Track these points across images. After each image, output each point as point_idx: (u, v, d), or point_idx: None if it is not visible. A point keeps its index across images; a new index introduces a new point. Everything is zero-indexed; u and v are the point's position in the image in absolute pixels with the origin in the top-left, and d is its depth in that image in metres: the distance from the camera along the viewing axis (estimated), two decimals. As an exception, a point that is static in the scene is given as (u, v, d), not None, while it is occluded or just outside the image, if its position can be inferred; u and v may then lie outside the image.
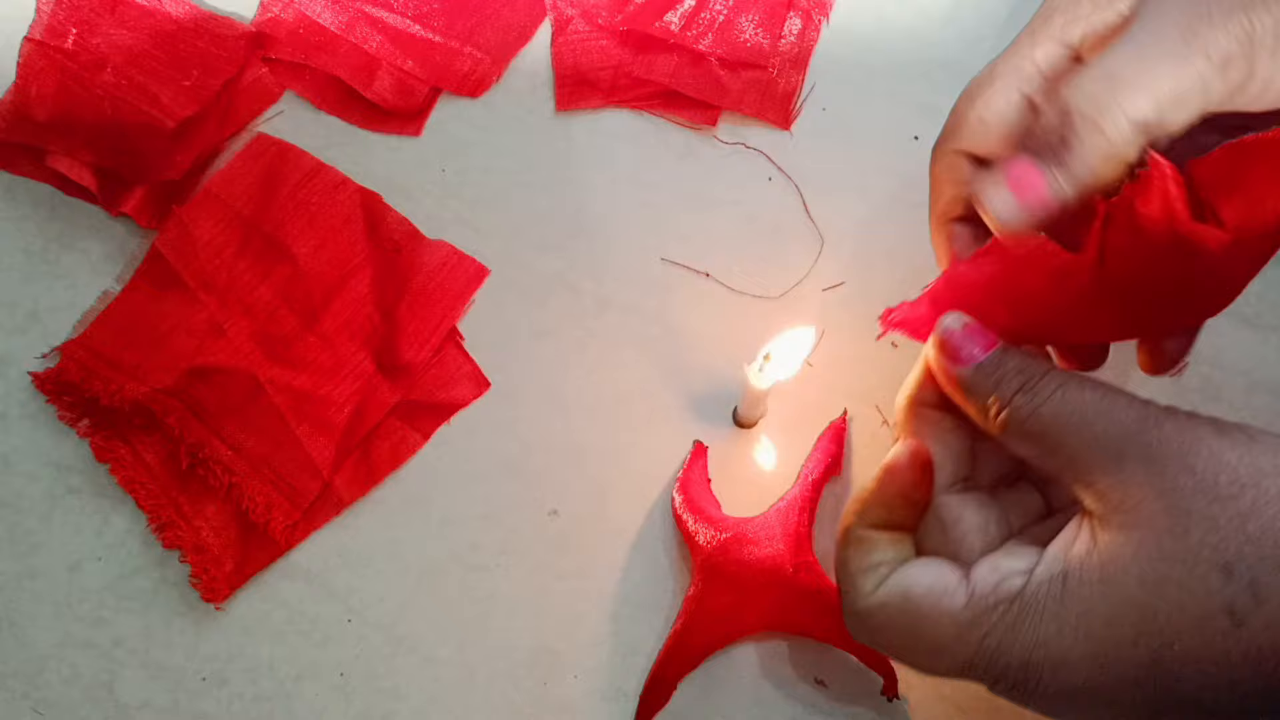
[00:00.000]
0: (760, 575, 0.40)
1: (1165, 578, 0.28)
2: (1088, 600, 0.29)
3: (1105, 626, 0.28)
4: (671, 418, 0.44)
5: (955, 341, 0.32)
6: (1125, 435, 0.29)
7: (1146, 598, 0.28)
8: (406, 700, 0.41)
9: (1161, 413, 0.29)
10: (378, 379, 0.44)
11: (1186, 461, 0.28)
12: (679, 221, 0.47)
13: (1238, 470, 0.28)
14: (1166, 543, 0.28)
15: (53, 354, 0.45)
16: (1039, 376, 0.31)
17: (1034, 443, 0.31)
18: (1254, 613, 0.27)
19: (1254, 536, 0.27)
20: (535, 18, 0.51)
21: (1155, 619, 0.28)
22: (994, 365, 0.32)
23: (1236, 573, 0.27)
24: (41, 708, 0.41)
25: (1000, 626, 0.30)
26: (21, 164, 0.47)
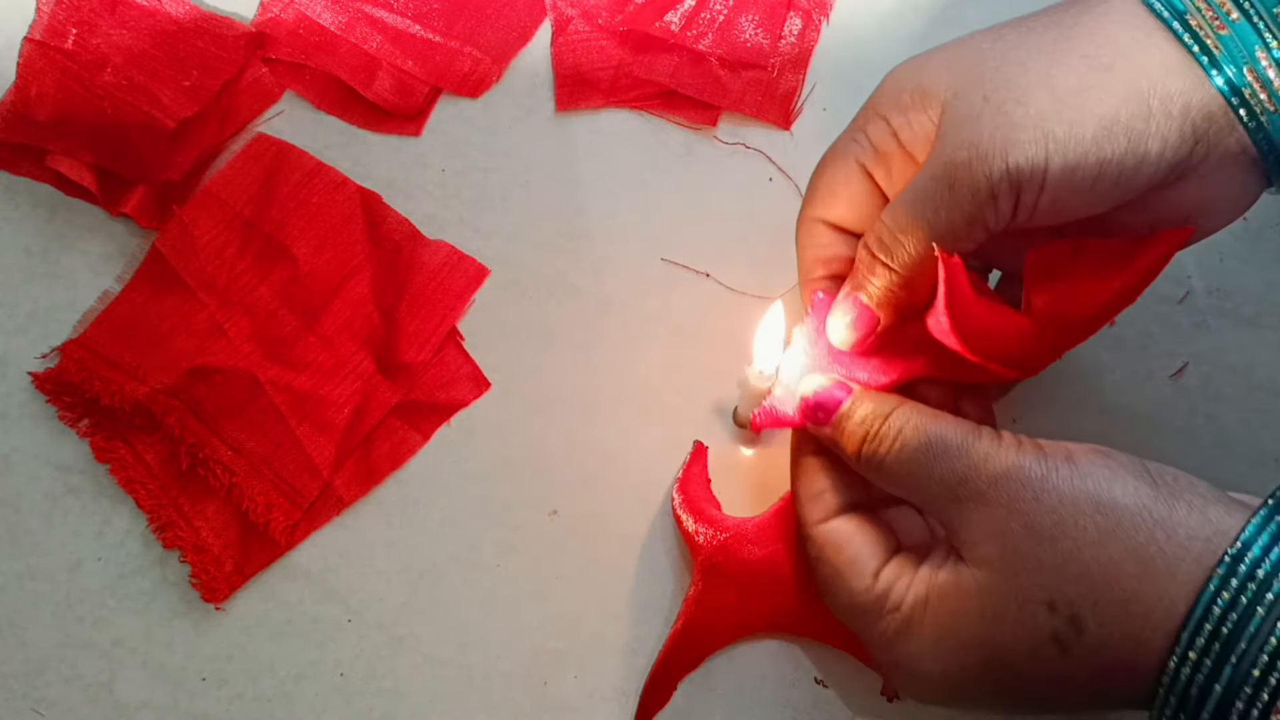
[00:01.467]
0: (760, 575, 0.40)
1: (1001, 613, 0.32)
2: (944, 627, 0.33)
3: (958, 651, 0.33)
4: (671, 418, 0.44)
5: (812, 404, 0.37)
6: (959, 480, 0.33)
7: (989, 630, 0.32)
8: (406, 700, 0.41)
9: (992, 449, 0.33)
10: (378, 379, 0.44)
11: (1013, 505, 0.32)
12: (679, 221, 0.47)
13: (1059, 513, 0.32)
14: (1000, 581, 0.32)
15: (53, 354, 0.45)
16: (880, 423, 0.35)
17: (888, 484, 0.36)
18: (1076, 642, 0.31)
19: (1073, 576, 0.31)
20: (535, 18, 0.51)
21: (998, 648, 0.32)
22: (845, 417, 0.36)
23: (1058, 608, 0.31)
24: (41, 708, 0.41)
25: (882, 627, 0.35)
26: (21, 164, 0.47)
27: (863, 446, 0.35)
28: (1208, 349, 0.46)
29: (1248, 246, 0.47)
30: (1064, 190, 0.33)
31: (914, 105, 0.36)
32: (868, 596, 0.35)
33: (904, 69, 0.37)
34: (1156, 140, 0.33)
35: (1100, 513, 0.31)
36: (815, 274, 0.39)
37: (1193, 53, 0.33)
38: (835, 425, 0.36)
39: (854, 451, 0.36)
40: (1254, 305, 0.46)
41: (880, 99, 0.37)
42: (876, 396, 0.36)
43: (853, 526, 0.36)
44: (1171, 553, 0.31)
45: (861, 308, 0.37)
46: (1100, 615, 0.31)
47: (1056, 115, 0.33)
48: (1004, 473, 0.33)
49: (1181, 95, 0.32)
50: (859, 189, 0.38)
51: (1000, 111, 0.33)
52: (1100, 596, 0.31)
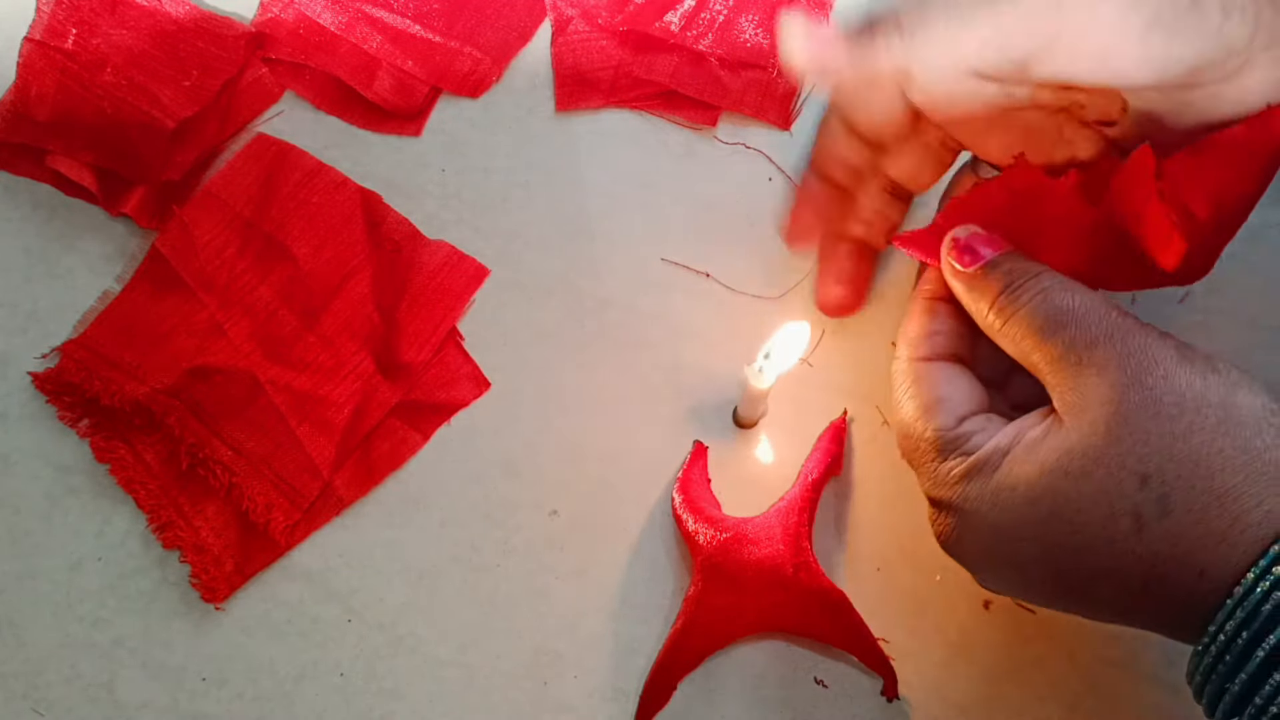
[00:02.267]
0: (760, 575, 0.40)
1: (1088, 473, 0.31)
2: (1019, 476, 0.32)
3: (1025, 503, 0.31)
4: (671, 418, 0.44)
5: (961, 245, 0.35)
6: (1091, 343, 0.32)
7: (1067, 486, 0.31)
8: (406, 700, 0.41)
9: (1133, 327, 0.32)
10: (378, 379, 0.44)
11: (1140, 378, 0.31)
12: (679, 221, 0.47)
13: (1184, 395, 0.30)
14: (1100, 444, 0.31)
15: (53, 354, 0.45)
16: (1024, 280, 0.34)
17: (1013, 341, 0.34)
18: (1156, 522, 0.30)
19: (1178, 457, 0.30)
20: (535, 18, 0.51)
21: (1069, 506, 0.31)
22: (991, 266, 0.35)
23: (1151, 484, 0.30)
24: (41, 708, 0.41)
25: (950, 464, 0.34)
26: (21, 164, 0.47)
27: (1002, 295, 0.34)
28: (1207, 349, 0.46)
29: (1248, 246, 0.47)
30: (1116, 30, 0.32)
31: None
32: (947, 435, 0.34)
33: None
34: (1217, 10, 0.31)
35: (1225, 407, 0.30)
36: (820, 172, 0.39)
37: None
38: (980, 270, 0.35)
39: (992, 298, 0.34)
40: (1254, 305, 0.46)
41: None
42: (1027, 257, 0.35)
43: (955, 371, 0.36)
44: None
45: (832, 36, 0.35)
46: (1192, 502, 0.30)
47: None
48: (1140, 348, 0.31)
49: None
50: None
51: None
52: (1199, 484, 0.30)
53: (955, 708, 0.41)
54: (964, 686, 0.41)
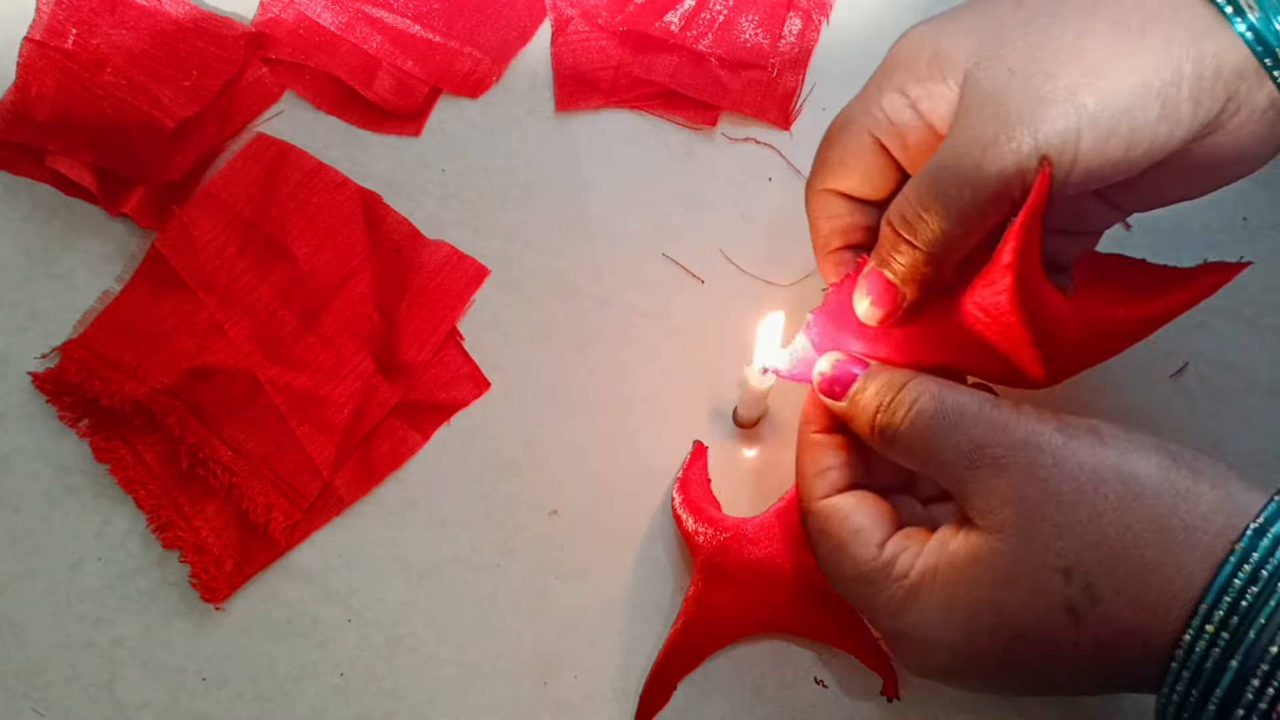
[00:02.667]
0: (760, 575, 0.40)
1: (1014, 578, 0.31)
2: (954, 594, 0.33)
3: (966, 619, 0.32)
4: (671, 418, 0.44)
5: (829, 379, 0.37)
6: (975, 447, 0.32)
7: (1000, 596, 0.32)
8: (406, 700, 0.41)
9: (1011, 418, 0.33)
10: (378, 379, 0.44)
11: (1032, 471, 0.31)
12: (679, 221, 0.47)
13: (1079, 479, 0.31)
14: (1015, 547, 0.31)
15: (53, 354, 0.45)
16: (893, 395, 0.35)
17: (903, 457, 0.35)
18: (1090, 610, 0.31)
19: (1090, 544, 0.31)
20: (535, 18, 0.51)
21: (1007, 614, 0.32)
22: (859, 392, 0.36)
23: (1074, 576, 0.31)
24: (41, 708, 0.41)
25: (888, 595, 0.34)
26: (21, 164, 0.47)
27: (876, 417, 0.35)
28: (1208, 349, 0.46)
29: (1248, 246, 0.47)
30: (1096, 161, 0.32)
31: (932, 76, 0.35)
32: (873, 565, 0.34)
33: (917, 35, 0.36)
34: (1189, 104, 0.32)
35: (1121, 481, 0.31)
36: (833, 244, 0.38)
37: (1225, 12, 0.32)
38: (850, 399, 0.36)
39: (868, 422, 0.35)
40: (1254, 305, 0.46)
41: (895, 68, 0.36)
42: (892, 369, 0.36)
43: (857, 500, 0.36)
44: (1193, 524, 0.30)
45: (886, 284, 0.36)
46: (1117, 584, 0.30)
47: (1088, 86, 0.31)
48: (1024, 439, 0.32)
49: (1214, 56, 0.32)
50: (872, 161, 0.37)
51: (1027, 84, 0.32)
52: (1118, 565, 0.30)
53: (955, 708, 0.41)
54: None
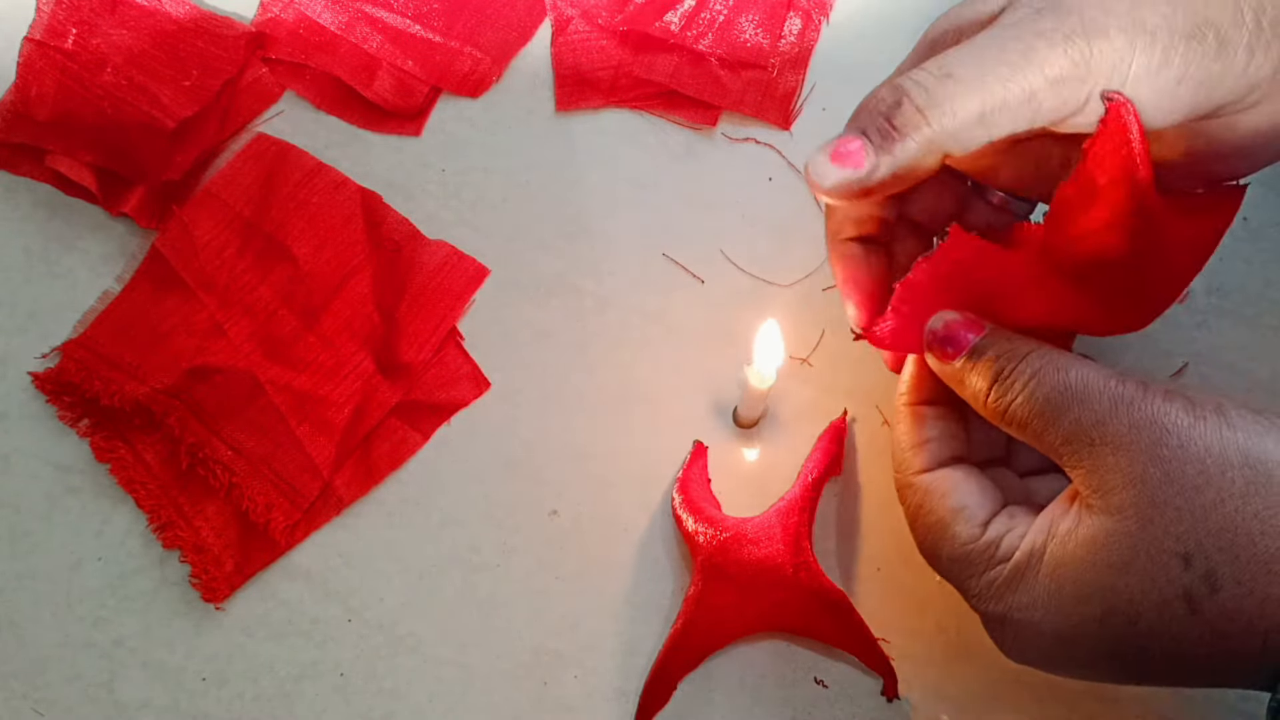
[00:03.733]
0: (760, 575, 0.40)
1: (1131, 563, 0.30)
2: (1064, 576, 0.31)
3: (1076, 603, 0.31)
4: (671, 418, 0.44)
5: (940, 336, 0.35)
6: (1097, 423, 0.31)
7: (1114, 580, 0.30)
8: (406, 700, 0.41)
9: (1136, 395, 0.31)
10: (378, 379, 0.44)
11: (1155, 451, 0.30)
12: (679, 221, 0.47)
13: (1204, 462, 0.30)
14: (1134, 530, 0.30)
15: (53, 354, 0.45)
16: (1013, 364, 0.33)
17: (1018, 428, 0.33)
18: (1208, 599, 0.29)
19: (1214, 529, 0.29)
20: (535, 18, 0.51)
21: (1120, 600, 0.30)
22: (975, 354, 0.34)
23: (1194, 563, 0.29)
24: (41, 708, 0.41)
25: (991, 576, 0.33)
26: (21, 164, 0.47)
27: (994, 387, 0.33)
28: (1208, 349, 0.46)
29: (1248, 246, 0.47)
30: (1144, 88, 0.31)
31: (972, 31, 0.33)
32: (976, 545, 0.33)
33: (949, 16, 0.34)
34: (1244, 50, 0.31)
35: (1249, 466, 0.29)
36: (845, 233, 0.37)
37: None
38: (964, 363, 0.34)
39: (984, 390, 0.33)
40: (1254, 305, 0.46)
41: (925, 46, 0.35)
42: (1011, 336, 0.34)
43: (960, 475, 0.35)
44: None
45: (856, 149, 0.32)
46: (1239, 573, 0.29)
47: (1151, 4, 0.31)
48: (1149, 418, 0.30)
49: (1274, 7, 0.31)
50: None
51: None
52: (1241, 554, 0.29)
53: (955, 707, 0.41)
54: (964, 686, 0.41)
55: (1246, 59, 0.31)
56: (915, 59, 0.35)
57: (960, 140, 0.32)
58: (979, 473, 0.35)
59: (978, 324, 0.34)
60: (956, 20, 0.34)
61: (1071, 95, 0.31)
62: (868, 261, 0.38)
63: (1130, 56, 0.31)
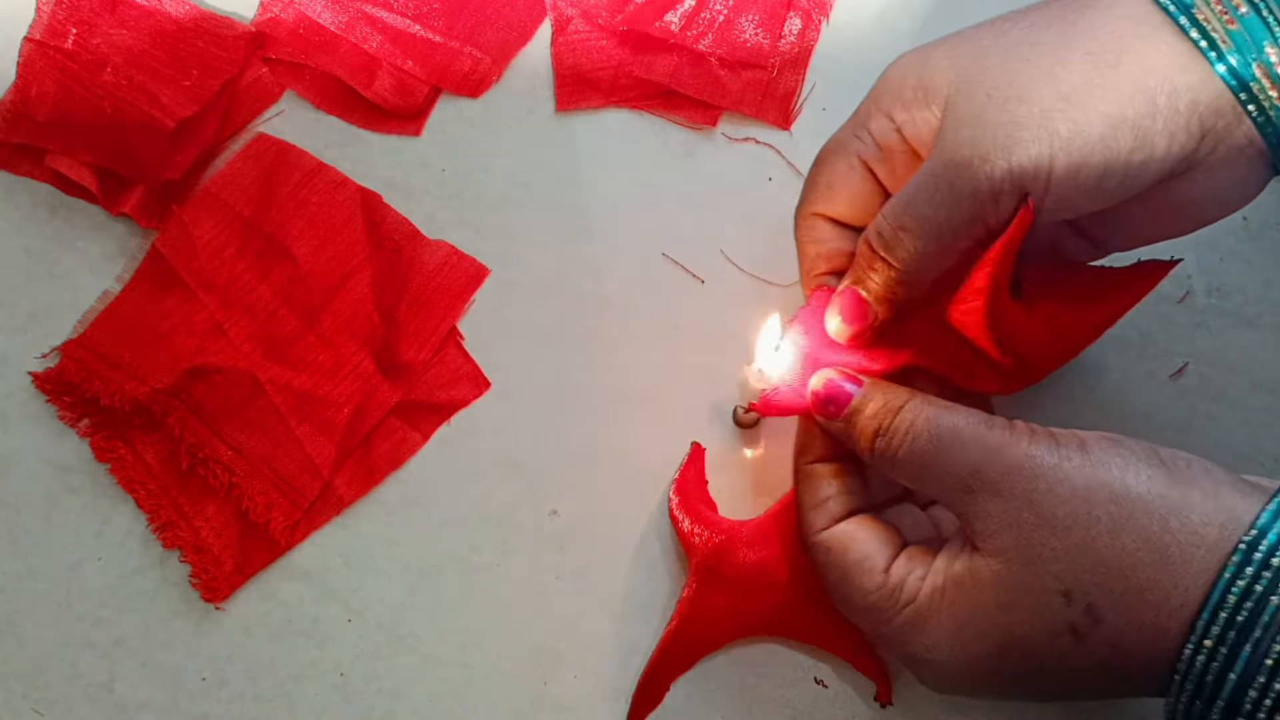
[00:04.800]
0: (754, 578, 0.40)
1: (1017, 602, 0.32)
2: (962, 617, 0.33)
3: (975, 639, 0.33)
4: (671, 418, 0.44)
5: (822, 397, 0.37)
6: (972, 471, 0.33)
7: (1005, 618, 0.33)
8: (406, 700, 0.41)
9: (1004, 440, 0.33)
10: (378, 379, 0.44)
11: (1028, 497, 0.32)
12: (679, 221, 0.47)
13: (1073, 504, 0.32)
14: (1016, 571, 0.32)
15: (53, 354, 0.45)
16: (892, 417, 0.35)
17: (904, 477, 0.35)
18: (1093, 630, 0.31)
19: (1088, 566, 0.31)
20: (535, 18, 0.51)
21: (1013, 636, 0.32)
22: (855, 413, 0.36)
23: (1075, 598, 0.31)
24: (41, 708, 0.41)
25: (898, 622, 0.35)
26: (21, 164, 0.47)
27: (875, 441, 0.35)
28: (1208, 349, 0.46)
29: (1248, 246, 0.47)
30: (1068, 189, 0.33)
31: (917, 101, 0.36)
32: (881, 593, 0.35)
33: (905, 62, 0.37)
34: (1163, 136, 0.32)
35: (1114, 502, 0.31)
36: (818, 269, 0.39)
37: (1200, 48, 0.32)
38: (847, 419, 0.36)
39: (867, 446, 0.35)
40: (1254, 305, 0.46)
41: (883, 93, 0.37)
42: (887, 388, 0.36)
43: (857, 527, 0.36)
44: (1186, 540, 0.31)
45: (859, 302, 0.37)
46: (1116, 604, 0.31)
47: (1061, 113, 0.32)
48: (1017, 464, 0.32)
49: (1189, 91, 0.32)
50: (860, 185, 0.38)
51: (1003, 109, 0.33)
52: (1115, 586, 0.31)
53: (954, 708, 0.41)
54: (964, 687, 0.41)
55: (1166, 144, 0.32)
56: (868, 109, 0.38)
57: (928, 270, 0.35)
58: (876, 520, 0.37)
59: (855, 379, 0.37)
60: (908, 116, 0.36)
61: (1005, 207, 0.33)
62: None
63: (1048, 163, 0.32)
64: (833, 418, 0.36)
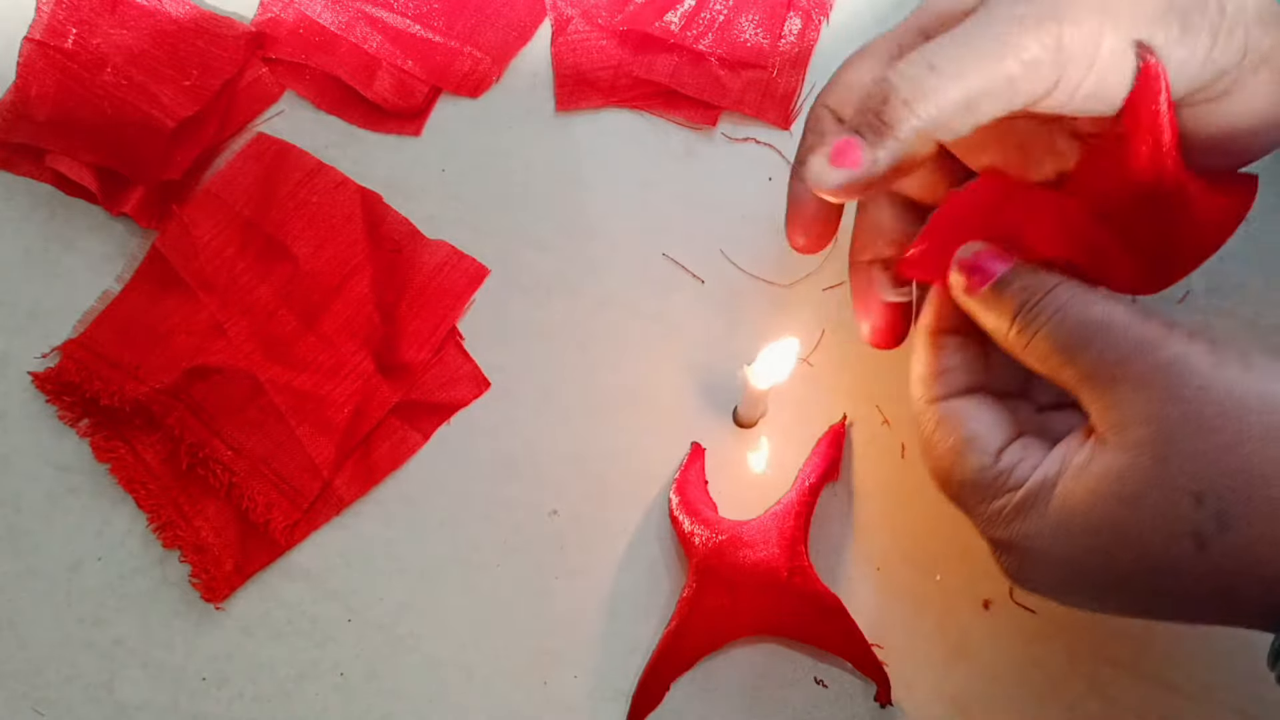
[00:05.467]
0: (754, 579, 0.40)
1: (1142, 498, 0.30)
2: (1074, 508, 0.32)
3: (1085, 534, 0.31)
4: (671, 418, 0.44)
5: (968, 265, 0.35)
6: (1120, 360, 0.31)
7: (1124, 514, 0.31)
8: (406, 700, 0.41)
9: (1160, 335, 0.31)
10: (378, 379, 0.44)
11: (1176, 391, 0.30)
12: (679, 221, 0.47)
13: (1224, 405, 0.30)
14: (1148, 467, 0.30)
15: (53, 354, 0.45)
16: (1039, 295, 0.33)
17: (1038, 360, 0.33)
18: (1216, 539, 0.30)
19: (1228, 470, 0.30)
20: (535, 18, 0.51)
21: (1129, 534, 0.31)
22: (1002, 285, 0.34)
23: (1206, 502, 0.30)
24: (41, 708, 0.41)
25: (1000, 504, 0.33)
26: (21, 164, 0.47)
27: (1016, 318, 0.33)
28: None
29: (1248, 246, 0.47)
30: (1112, 70, 0.32)
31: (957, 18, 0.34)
32: (988, 474, 0.33)
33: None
34: (1207, 35, 0.32)
35: (1270, 411, 0.30)
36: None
37: None
38: (990, 291, 0.34)
39: (1007, 322, 0.34)
40: (1254, 305, 0.46)
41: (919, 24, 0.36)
42: (1038, 269, 0.34)
43: (975, 404, 0.35)
44: None
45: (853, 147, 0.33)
46: (1250, 515, 0.29)
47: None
48: (1172, 358, 0.31)
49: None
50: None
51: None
52: (1255, 495, 0.29)
53: (955, 708, 0.41)
54: (964, 686, 0.41)
55: (1209, 44, 0.32)
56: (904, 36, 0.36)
57: (949, 128, 0.33)
58: (995, 402, 0.35)
59: (1006, 255, 0.35)
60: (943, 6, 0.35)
61: (1046, 77, 0.32)
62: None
63: (1099, 39, 0.31)
64: (975, 289, 0.34)
